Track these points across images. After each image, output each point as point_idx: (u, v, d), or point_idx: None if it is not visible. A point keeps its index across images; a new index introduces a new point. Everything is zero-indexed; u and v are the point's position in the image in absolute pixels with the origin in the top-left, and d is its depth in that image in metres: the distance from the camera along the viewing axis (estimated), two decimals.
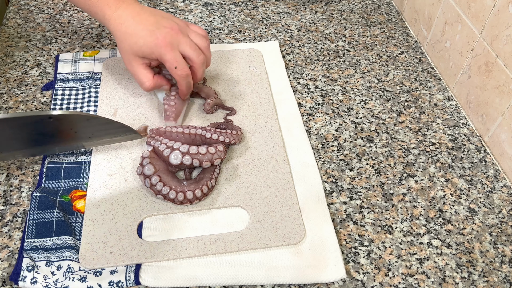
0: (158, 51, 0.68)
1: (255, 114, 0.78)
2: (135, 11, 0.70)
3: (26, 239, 0.60)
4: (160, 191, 0.63)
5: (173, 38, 0.69)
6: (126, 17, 0.69)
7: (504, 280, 0.61)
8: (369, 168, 0.73)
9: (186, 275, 0.58)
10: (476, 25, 0.78)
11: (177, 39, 0.69)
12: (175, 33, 0.69)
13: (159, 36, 0.68)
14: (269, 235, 0.62)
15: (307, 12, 1.04)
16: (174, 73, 0.69)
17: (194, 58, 0.70)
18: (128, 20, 0.69)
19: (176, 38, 0.69)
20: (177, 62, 0.69)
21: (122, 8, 0.70)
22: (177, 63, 0.68)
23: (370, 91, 0.86)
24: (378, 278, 0.60)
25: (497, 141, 0.75)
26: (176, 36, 0.69)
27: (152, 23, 0.69)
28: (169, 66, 0.69)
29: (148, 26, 0.69)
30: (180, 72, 0.69)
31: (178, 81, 0.71)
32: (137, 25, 0.69)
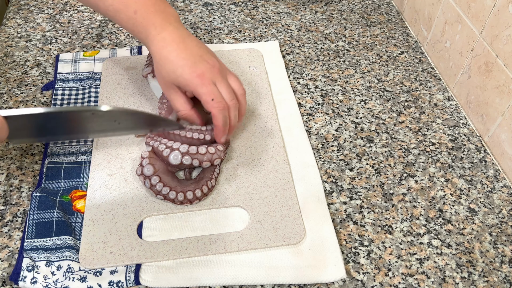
0: (195, 84, 0.64)
1: (255, 114, 0.78)
2: (180, 38, 0.67)
3: (26, 239, 0.60)
4: (160, 191, 0.63)
5: (213, 75, 0.65)
6: (171, 42, 0.66)
7: (504, 280, 0.61)
8: (369, 168, 0.73)
9: (186, 275, 0.58)
10: (476, 25, 0.78)
11: (216, 77, 0.66)
12: (216, 71, 0.66)
13: (198, 70, 0.64)
14: (269, 235, 0.62)
15: (307, 12, 1.04)
16: (211, 106, 0.64)
17: (227, 100, 0.66)
18: (171, 45, 0.65)
19: (215, 76, 0.66)
20: (214, 95, 0.64)
21: (168, 31, 0.66)
22: (214, 96, 0.64)
23: (370, 91, 0.86)
24: (378, 278, 0.60)
25: (497, 141, 0.75)
26: (216, 74, 0.66)
27: (195, 55, 0.66)
28: (206, 99, 0.64)
29: (190, 57, 0.65)
30: (217, 105, 0.64)
31: (215, 114, 0.64)
32: (179, 53, 0.65)
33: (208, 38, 0.94)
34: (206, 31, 0.96)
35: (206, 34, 0.95)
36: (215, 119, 0.65)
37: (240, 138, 0.74)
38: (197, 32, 0.95)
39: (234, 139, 0.73)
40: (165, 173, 0.65)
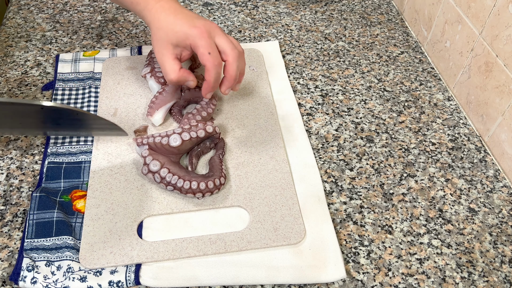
0: (193, 36, 0.66)
1: (255, 114, 0.78)
2: (177, 6, 0.70)
3: (26, 239, 0.60)
4: (170, 182, 0.64)
5: (211, 29, 0.67)
6: (168, 8, 0.69)
7: (504, 280, 0.61)
8: (369, 168, 0.73)
9: (186, 275, 0.58)
10: (476, 25, 0.78)
11: (215, 31, 0.68)
12: (214, 26, 0.68)
13: (197, 24, 0.67)
14: (269, 235, 0.62)
15: (307, 12, 1.04)
16: (207, 59, 0.65)
17: (228, 51, 0.67)
18: (170, 10, 0.69)
19: (214, 30, 0.67)
20: (211, 49, 0.65)
21: (165, 1, 0.70)
22: (211, 49, 0.65)
23: (370, 91, 0.86)
24: (378, 278, 0.60)
25: (497, 141, 0.75)
26: (214, 28, 0.68)
27: (193, 16, 0.69)
28: (202, 52, 0.65)
29: (188, 17, 0.68)
30: (213, 59, 0.65)
31: (209, 69, 0.66)
32: (177, 15, 0.68)
33: None
34: None
35: None
36: (208, 73, 0.66)
37: (240, 138, 0.74)
38: None
39: (235, 138, 0.73)
40: (172, 164, 0.65)
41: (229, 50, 0.67)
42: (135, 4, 0.72)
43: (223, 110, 0.78)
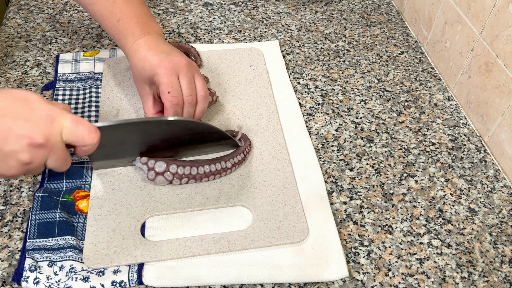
0: (158, 74, 0.65)
1: (256, 113, 0.78)
2: (154, 42, 0.69)
3: (28, 239, 0.60)
4: (184, 173, 0.65)
5: (177, 67, 0.66)
6: (144, 45, 0.69)
7: (504, 280, 0.61)
8: (369, 168, 0.73)
9: (188, 274, 0.58)
10: (476, 25, 0.79)
11: (181, 69, 0.67)
12: (182, 65, 0.67)
13: (164, 60, 0.66)
14: (273, 234, 0.62)
15: (307, 12, 1.04)
16: (165, 97, 0.65)
17: (185, 95, 0.66)
18: (144, 47, 0.69)
19: (180, 68, 0.67)
20: (173, 88, 0.65)
21: (143, 39, 0.70)
22: (172, 89, 0.65)
23: (370, 91, 0.86)
24: (378, 278, 0.60)
25: (497, 141, 0.75)
26: (181, 67, 0.67)
27: (165, 51, 0.68)
28: (162, 89, 0.65)
29: (160, 53, 0.67)
30: (171, 98, 0.65)
31: (167, 107, 0.66)
32: (150, 51, 0.68)
33: (208, 38, 0.94)
34: (206, 31, 0.96)
35: (206, 34, 0.95)
36: (166, 112, 0.66)
37: None
38: (197, 32, 0.95)
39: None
40: (175, 160, 0.66)
41: (186, 96, 0.66)
42: (117, 40, 0.72)
43: (224, 110, 0.78)
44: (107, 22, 0.72)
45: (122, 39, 0.71)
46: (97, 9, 0.72)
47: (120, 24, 0.71)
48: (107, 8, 0.71)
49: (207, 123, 0.68)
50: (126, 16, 0.71)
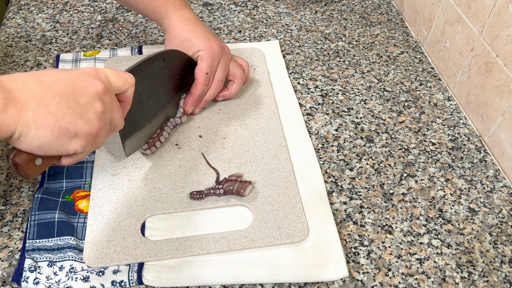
0: (205, 52, 0.71)
1: (257, 113, 0.78)
2: (196, 18, 0.75)
3: (28, 239, 0.60)
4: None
5: (221, 54, 0.73)
6: (188, 18, 0.74)
7: (504, 280, 0.61)
8: (369, 168, 0.73)
9: (188, 274, 0.58)
10: (476, 25, 0.79)
11: (223, 57, 0.73)
12: (225, 52, 0.74)
13: (213, 44, 0.72)
14: (273, 234, 0.62)
15: (307, 12, 1.04)
16: (201, 76, 0.71)
17: (216, 80, 0.74)
18: (189, 20, 0.74)
19: (223, 55, 0.73)
20: (211, 70, 0.72)
21: (186, 11, 0.75)
22: (210, 71, 0.72)
23: (370, 91, 0.86)
24: (378, 278, 0.60)
25: (497, 141, 0.75)
26: (224, 54, 0.73)
27: (209, 32, 0.74)
28: (203, 68, 0.71)
29: (205, 33, 0.73)
30: (205, 79, 0.72)
31: (198, 84, 0.72)
32: (195, 27, 0.73)
33: None
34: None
35: None
36: (195, 88, 0.72)
37: (242, 138, 0.74)
38: None
39: (237, 138, 0.74)
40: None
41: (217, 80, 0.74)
42: (156, 13, 0.75)
43: (225, 110, 0.78)
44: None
45: (162, 10, 0.74)
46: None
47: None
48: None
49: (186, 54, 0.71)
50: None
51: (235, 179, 0.67)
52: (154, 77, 0.67)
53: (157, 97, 0.69)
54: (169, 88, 0.71)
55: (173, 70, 0.70)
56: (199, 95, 0.73)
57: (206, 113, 0.78)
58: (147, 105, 0.67)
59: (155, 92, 0.68)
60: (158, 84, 0.68)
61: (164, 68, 0.68)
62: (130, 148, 0.67)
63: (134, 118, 0.65)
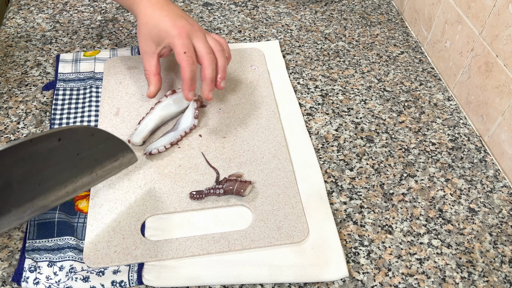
0: (172, 36, 0.69)
1: (257, 113, 0.78)
2: (164, 1, 0.72)
3: (28, 240, 0.60)
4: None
5: (191, 30, 0.70)
6: (155, 3, 0.71)
7: (504, 280, 0.61)
8: (369, 168, 0.73)
9: (188, 274, 0.58)
10: (476, 25, 0.79)
11: (194, 33, 0.70)
12: (194, 28, 0.71)
13: (178, 23, 0.69)
14: (273, 234, 0.62)
15: (307, 12, 1.04)
16: (182, 58, 0.68)
17: (204, 55, 0.70)
18: (156, 5, 0.71)
19: (194, 32, 0.70)
20: (188, 49, 0.69)
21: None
22: (187, 49, 0.69)
23: (370, 91, 0.86)
24: (378, 278, 0.60)
25: (497, 141, 0.75)
26: (194, 31, 0.70)
27: (177, 13, 0.71)
28: (178, 51, 0.69)
29: (172, 14, 0.71)
30: (187, 58, 0.68)
31: (183, 67, 0.69)
32: (162, 11, 0.71)
33: None
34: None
35: None
36: (183, 72, 0.69)
37: (242, 137, 0.74)
38: None
39: (237, 138, 0.74)
40: None
41: (205, 54, 0.70)
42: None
43: (225, 109, 0.78)
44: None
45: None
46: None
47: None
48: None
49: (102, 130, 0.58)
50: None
51: (235, 179, 0.67)
52: (38, 159, 0.52)
53: (38, 181, 0.54)
54: (63, 169, 0.56)
55: (72, 150, 0.55)
56: (190, 77, 0.69)
57: (206, 113, 0.78)
58: (19, 189, 0.52)
59: (35, 175, 0.53)
60: (43, 167, 0.53)
61: (59, 148, 0.53)
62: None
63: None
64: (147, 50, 0.73)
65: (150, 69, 0.73)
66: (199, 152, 0.72)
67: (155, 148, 0.70)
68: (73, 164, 0.57)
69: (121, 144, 0.61)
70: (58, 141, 0.53)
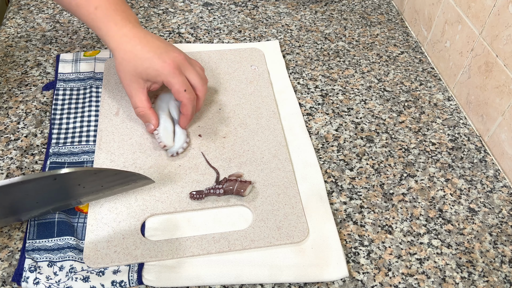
0: (165, 75, 0.67)
1: (257, 113, 0.78)
2: (141, 33, 0.69)
3: (28, 240, 0.60)
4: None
5: (181, 64, 0.69)
6: (133, 37, 0.68)
7: (504, 280, 0.61)
8: (369, 168, 0.73)
9: (188, 274, 0.58)
10: (476, 25, 0.79)
11: (184, 66, 0.69)
12: (183, 60, 0.69)
13: (168, 60, 0.67)
14: (273, 234, 0.62)
15: (307, 12, 1.04)
16: (183, 96, 0.68)
17: (199, 87, 0.70)
18: (134, 40, 0.68)
19: (184, 65, 0.69)
20: (187, 86, 0.68)
21: (128, 28, 0.69)
22: (186, 87, 0.68)
23: (370, 91, 0.86)
24: (378, 278, 0.60)
25: (497, 141, 0.75)
26: (184, 63, 0.69)
27: (160, 47, 0.69)
28: (178, 89, 0.68)
29: (156, 50, 0.68)
30: (189, 95, 0.69)
31: (186, 104, 0.69)
32: (143, 47, 0.68)
33: (208, 38, 0.94)
34: (206, 31, 0.96)
35: (206, 34, 0.95)
36: (185, 109, 0.70)
37: (242, 137, 0.74)
38: (197, 32, 0.95)
39: (237, 138, 0.74)
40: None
41: (200, 86, 0.71)
42: (96, 29, 0.70)
43: (225, 109, 0.78)
44: (84, 11, 0.69)
45: (103, 27, 0.68)
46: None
47: (98, 12, 0.68)
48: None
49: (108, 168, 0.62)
50: (104, 3, 0.69)
51: (235, 179, 0.67)
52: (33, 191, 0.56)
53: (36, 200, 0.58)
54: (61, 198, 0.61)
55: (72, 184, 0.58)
56: (192, 113, 0.71)
57: (206, 113, 0.78)
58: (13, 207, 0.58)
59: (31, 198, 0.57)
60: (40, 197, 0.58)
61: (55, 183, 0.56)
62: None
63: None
64: (135, 86, 0.69)
65: (143, 104, 0.70)
66: (199, 152, 0.72)
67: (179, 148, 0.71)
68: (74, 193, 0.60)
69: (132, 175, 0.62)
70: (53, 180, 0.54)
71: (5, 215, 0.59)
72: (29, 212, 0.61)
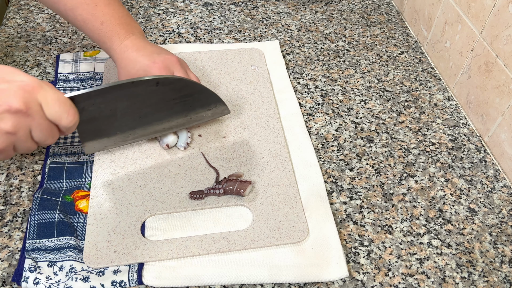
0: (152, 72, 0.68)
1: (257, 113, 0.78)
2: (141, 43, 0.71)
3: (28, 240, 0.60)
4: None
5: (171, 64, 0.69)
6: (132, 47, 0.70)
7: (504, 280, 0.61)
8: (369, 168, 0.73)
9: (188, 274, 0.58)
10: (476, 25, 0.79)
11: (173, 66, 0.69)
12: (174, 62, 0.70)
13: (157, 60, 0.68)
14: (273, 234, 0.62)
15: (307, 12, 1.04)
16: None
17: None
18: (132, 48, 0.70)
19: (173, 66, 0.69)
20: None
21: (130, 40, 0.70)
22: None
23: (370, 91, 0.86)
24: (378, 278, 0.60)
25: (497, 141, 0.75)
26: (174, 64, 0.70)
27: (153, 52, 0.70)
28: None
29: (148, 54, 0.69)
30: None
31: None
32: (139, 52, 0.69)
33: (208, 38, 0.94)
34: (206, 31, 0.96)
35: (206, 34, 0.95)
36: None
37: (242, 137, 0.74)
38: (197, 32, 0.95)
39: (237, 138, 0.74)
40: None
41: None
42: (102, 43, 0.72)
43: None
44: (90, 26, 0.71)
45: (107, 41, 0.71)
46: (78, 14, 0.71)
47: (104, 27, 0.70)
48: (89, 12, 0.70)
49: (196, 81, 0.68)
50: (109, 18, 0.70)
51: (235, 179, 0.67)
52: (138, 98, 0.64)
53: (138, 115, 0.66)
54: (160, 109, 0.67)
55: (168, 96, 0.66)
56: None
57: None
58: (122, 119, 0.65)
59: (136, 110, 0.65)
60: (142, 105, 0.65)
61: (157, 92, 0.64)
62: (90, 148, 0.65)
63: (101, 126, 0.64)
64: None
65: None
66: (199, 152, 0.72)
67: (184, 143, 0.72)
68: (169, 107, 0.67)
69: (214, 96, 0.70)
70: (156, 85, 0.63)
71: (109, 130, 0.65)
72: (133, 131, 0.67)
